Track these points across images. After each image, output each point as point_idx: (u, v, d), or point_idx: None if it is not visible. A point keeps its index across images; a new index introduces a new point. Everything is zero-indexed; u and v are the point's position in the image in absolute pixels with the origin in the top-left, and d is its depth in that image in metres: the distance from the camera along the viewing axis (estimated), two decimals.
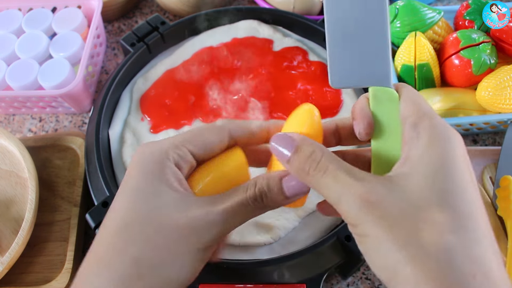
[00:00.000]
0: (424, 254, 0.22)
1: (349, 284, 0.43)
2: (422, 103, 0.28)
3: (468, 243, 0.23)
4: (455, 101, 0.48)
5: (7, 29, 0.56)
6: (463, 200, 0.24)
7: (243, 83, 0.51)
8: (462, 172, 0.25)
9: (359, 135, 0.30)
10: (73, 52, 0.53)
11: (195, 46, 0.54)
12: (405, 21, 0.50)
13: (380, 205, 0.24)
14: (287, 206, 0.30)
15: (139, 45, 0.53)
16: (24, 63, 0.53)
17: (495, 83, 0.45)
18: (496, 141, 0.52)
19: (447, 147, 0.26)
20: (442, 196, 0.24)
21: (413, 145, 0.27)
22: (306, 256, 0.38)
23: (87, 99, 0.54)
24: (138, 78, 0.52)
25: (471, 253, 0.23)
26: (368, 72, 0.31)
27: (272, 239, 0.41)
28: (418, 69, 0.48)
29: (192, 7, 0.60)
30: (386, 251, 0.23)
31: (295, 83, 0.50)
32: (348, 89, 0.50)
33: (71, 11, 0.57)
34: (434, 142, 0.26)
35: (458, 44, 0.47)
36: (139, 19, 0.65)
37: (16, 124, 0.56)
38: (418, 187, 0.25)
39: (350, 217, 0.25)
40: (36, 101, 0.52)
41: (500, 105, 0.46)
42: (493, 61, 0.47)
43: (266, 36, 0.55)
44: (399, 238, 0.23)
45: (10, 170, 0.47)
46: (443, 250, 0.22)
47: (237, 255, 0.40)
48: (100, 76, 0.59)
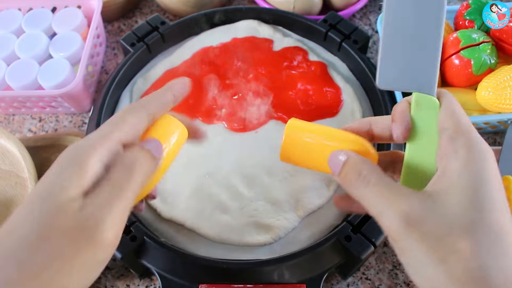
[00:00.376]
0: (462, 270, 0.24)
1: (349, 284, 0.43)
2: (461, 115, 0.29)
3: (502, 262, 0.24)
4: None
5: (7, 29, 0.56)
6: (498, 219, 0.25)
7: (243, 83, 0.51)
8: (497, 191, 0.27)
9: (397, 137, 0.31)
10: (73, 52, 0.53)
11: (195, 46, 0.54)
12: None
13: (421, 224, 0.26)
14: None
15: (139, 45, 0.52)
16: (24, 63, 0.53)
17: (495, 83, 0.45)
18: (497, 141, 0.52)
19: (484, 166, 0.27)
20: (479, 217, 0.25)
21: (450, 160, 0.28)
22: (306, 256, 0.38)
23: (87, 99, 0.54)
24: (138, 78, 0.52)
25: (504, 269, 0.24)
26: (415, 78, 0.31)
27: (272, 239, 0.41)
28: None
29: (192, 7, 0.60)
30: (427, 267, 0.25)
31: (295, 83, 0.50)
32: (349, 89, 0.50)
33: (71, 11, 0.57)
34: (471, 160, 0.27)
35: (458, 44, 0.47)
36: (139, 19, 0.65)
37: (16, 124, 0.56)
38: (457, 207, 0.26)
39: (391, 232, 0.26)
40: (36, 101, 0.52)
41: (501, 105, 0.46)
42: (493, 61, 0.47)
43: (266, 36, 0.55)
44: (440, 255, 0.25)
45: (9, 170, 0.47)
46: (477, 268, 0.24)
47: (237, 255, 0.40)
48: (100, 76, 0.59)
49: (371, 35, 0.62)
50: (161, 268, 0.39)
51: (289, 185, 0.43)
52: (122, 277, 0.44)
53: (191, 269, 0.39)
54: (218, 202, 0.42)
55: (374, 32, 0.62)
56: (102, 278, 0.44)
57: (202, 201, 0.43)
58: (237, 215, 0.42)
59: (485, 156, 0.27)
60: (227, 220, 0.42)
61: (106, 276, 0.44)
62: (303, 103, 0.49)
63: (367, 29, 0.63)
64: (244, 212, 0.42)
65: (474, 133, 0.28)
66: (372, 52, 0.60)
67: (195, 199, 0.43)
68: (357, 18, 0.64)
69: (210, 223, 0.41)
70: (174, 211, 0.42)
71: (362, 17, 0.64)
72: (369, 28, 0.63)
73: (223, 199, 0.43)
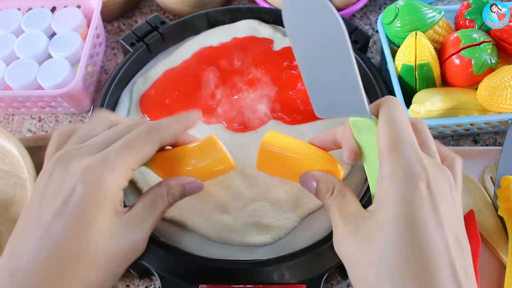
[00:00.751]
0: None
1: (349, 284, 0.43)
2: (394, 131, 0.29)
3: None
4: (456, 101, 0.48)
5: (7, 28, 0.56)
6: (424, 256, 0.26)
7: (243, 83, 0.50)
8: (424, 219, 0.26)
9: (346, 161, 0.33)
10: (72, 52, 0.53)
11: (195, 46, 0.54)
12: (406, 21, 0.50)
13: (352, 256, 0.29)
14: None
15: (138, 44, 0.52)
16: (23, 63, 0.53)
17: (496, 82, 0.45)
18: (497, 141, 0.52)
19: (408, 194, 0.27)
20: (405, 256, 0.26)
21: (381, 183, 0.28)
22: (306, 256, 0.38)
23: (86, 99, 0.54)
24: (138, 78, 0.52)
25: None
26: (344, 104, 0.32)
27: (272, 239, 0.41)
28: (419, 69, 0.48)
29: (192, 7, 0.60)
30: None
31: (295, 83, 0.50)
32: None
33: (71, 11, 0.57)
34: (395, 187, 0.27)
35: (459, 43, 0.47)
36: (139, 18, 0.65)
37: (16, 124, 0.55)
38: (379, 237, 0.27)
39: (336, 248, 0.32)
40: (35, 101, 0.52)
41: (501, 105, 0.46)
42: (493, 60, 0.47)
43: (266, 35, 0.55)
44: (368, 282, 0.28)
45: (9, 170, 0.47)
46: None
47: (237, 255, 0.40)
48: (100, 76, 0.59)
49: (371, 35, 0.62)
50: (161, 268, 0.39)
51: (289, 185, 0.43)
52: (122, 277, 0.44)
53: (191, 269, 0.39)
54: (218, 202, 0.42)
55: (374, 32, 0.62)
56: None
57: (202, 201, 0.42)
58: (237, 215, 0.42)
59: (411, 177, 0.27)
60: (227, 220, 0.41)
61: None
62: (303, 103, 0.49)
63: (367, 28, 0.63)
64: (244, 212, 0.42)
65: (402, 154, 0.28)
66: (372, 52, 0.60)
67: (195, 199, 0.42)
68: (357, 18, 0.64)
69: (210, 223, 0.41)
70: (174, 211, 0.42)
71: (362, 17, 0.64)
72: (369, 28, 0.63)
73: (223, 199, 0.43)
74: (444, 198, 0.27)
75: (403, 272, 0.25)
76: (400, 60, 0.49)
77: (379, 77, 0.50)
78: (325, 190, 0.33)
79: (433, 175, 0.27)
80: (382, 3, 0.65)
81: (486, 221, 0.43)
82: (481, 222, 0.43)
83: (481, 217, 0.43)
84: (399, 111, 0.30)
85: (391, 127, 0.29)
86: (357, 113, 0.31)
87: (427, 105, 0.46)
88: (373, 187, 0.32)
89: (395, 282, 0.25)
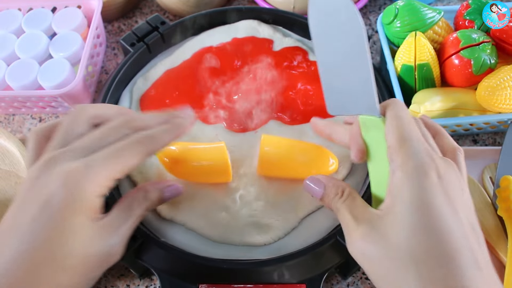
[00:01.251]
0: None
1: (349, 284, 0.43)
2: (402, 127, 0.30)
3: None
4: (455, 101, 0.48)
5: (7, 29, 0.56)
6: (443, 240, 0.26)
7: (243, 83, 0.51)
8: (440, 206, 0.27)
9: (352, 159, 0.34)
10: (73, 52, 0.53)
11: (195, 46, 0.54)
12: (405, 21, 0.50)
13: (370, 255, 0.29)
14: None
15: (139, 45, 0.52)
16: (24, 63, 0.53)
17: (495, 83, 0.45)
18: (496, 141, 0.52)
19: (421, 182, 0.28)
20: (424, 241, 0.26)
21: (392, 179, 0.29)
22: (306, 256, 0.38)
23: (87, 99, 0.54)
24: (138, 78, 0.52)
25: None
26: (356, 102, 0.33)
27: (272, 239, 0.41)
28: (418, 69, 0.48)
29: (192, 7, 0.60)
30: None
31: (295, 83, 0.50)
32: None
33: (71, 11, 0.57)
34: (407, 177, 0.28)
35: (458, 44, 0.47)
36: (139, 19, 0.65)
37: (16, 124, 0.56)
38: (400, 233, 0.27)
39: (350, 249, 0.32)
40: (36, 101, 0.52)
41: (501, 105, 0.46)
42: (493, 61, 0.47)
43: (266, 36, 0.55)
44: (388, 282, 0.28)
45: (9, 170, 0.47)
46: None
47: (237, 255, 0.40)
48: (100, 76, 0.59)
49: (371, 35, 0.62)
50: (161, 268, 0.39)
51: (289, 185, 0.43)
52: (122, 277, 0.44)
53: (191, 269, 0.39)
54: (218, 202, 0.42)
55: (374, 32, 0.62)
56: (102, 278, 0.44)
57: (202, 201, 0.43)
58: (237, 215, 0.42)
59: (423, 172, 0.28)
60: (227, 220, 0.42)
61: (106, 276, 0.44)
62: (303, 103, 0.49)
63: (367, 29, 0.63)
64: (244, 212, 0.42)
65: (411, 145, 0.29)
66: (372, 52, 0.60)
67: (195, 199, 0.43)
68: None
69: (210, 223, 0.41)
70: (174, 211, 0.42)
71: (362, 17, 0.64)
72: (369, 28, 0.63)
73: (223, 199, 0.43)
74: (454, 187, 0.29)
75: (426, 260, 0.25)
76: (400, 60, 0.49)
77: (379, 77, 0.50)
78: (333, 193, 0.34)
79: (441, 165, 0.29)
80: (382, 4, 0.66)
81: (485, 221, 0.43)
82: (480, 222, 0.43)
83: (481, 217, 0.43)
84: (405, 111, 0.32)
85: (399, 124, 0.30)
86: (368, 112, 0.33)
87: (427, 105, 0.46)
88: (375, 186, 0.33)
89: (419, 271, 0.25)
